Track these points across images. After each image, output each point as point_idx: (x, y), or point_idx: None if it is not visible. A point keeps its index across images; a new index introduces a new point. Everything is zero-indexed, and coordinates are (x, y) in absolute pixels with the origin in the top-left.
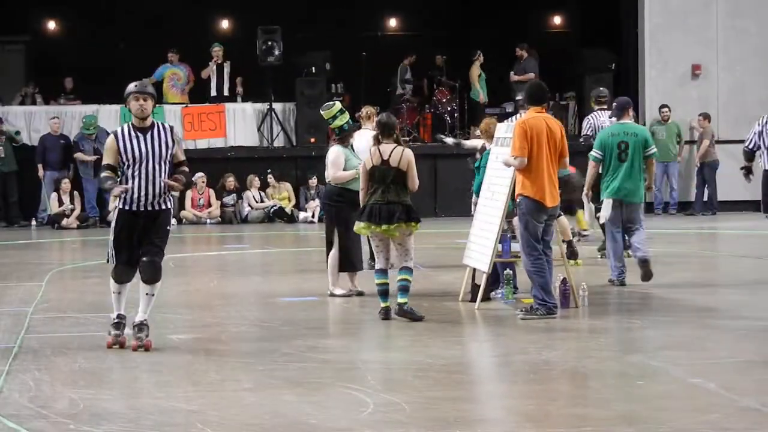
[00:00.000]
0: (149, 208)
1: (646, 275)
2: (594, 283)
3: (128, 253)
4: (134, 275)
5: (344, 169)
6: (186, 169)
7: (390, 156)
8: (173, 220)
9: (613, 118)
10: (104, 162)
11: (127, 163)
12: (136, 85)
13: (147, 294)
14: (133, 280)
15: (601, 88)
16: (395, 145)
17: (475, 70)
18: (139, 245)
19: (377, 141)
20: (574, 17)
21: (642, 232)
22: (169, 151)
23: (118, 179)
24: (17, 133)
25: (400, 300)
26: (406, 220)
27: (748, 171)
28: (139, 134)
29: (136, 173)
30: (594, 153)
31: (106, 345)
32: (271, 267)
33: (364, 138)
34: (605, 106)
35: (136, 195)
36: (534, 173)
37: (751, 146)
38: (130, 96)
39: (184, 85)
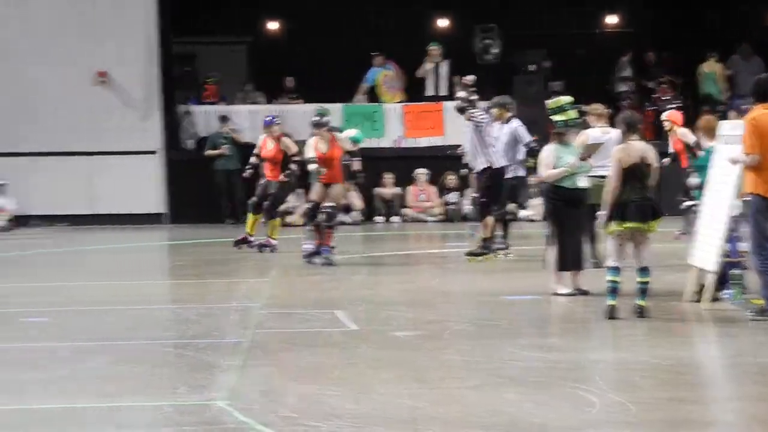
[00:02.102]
0: None
1: None
2: None
3: None
4: None
5: (554, 167)
6: None
7: (646, 153)
8: (396, 218)
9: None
10: None
11: None
12: None
13: None
14: None
15: (507, 96)
16: (642, 142)
17: (716, 68)
18: None
19: (625, 138)
20: None
21: None
22: None
23: None
24: (234, 130)
25: (641, 302)
26: (660, 215)
27: None
28: None
29: None
30: None
31: None
32: (493, 265)
33: (590, 137)
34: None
35: None
36: (766, 171)
37: None
38: None
39: (398, 82)
